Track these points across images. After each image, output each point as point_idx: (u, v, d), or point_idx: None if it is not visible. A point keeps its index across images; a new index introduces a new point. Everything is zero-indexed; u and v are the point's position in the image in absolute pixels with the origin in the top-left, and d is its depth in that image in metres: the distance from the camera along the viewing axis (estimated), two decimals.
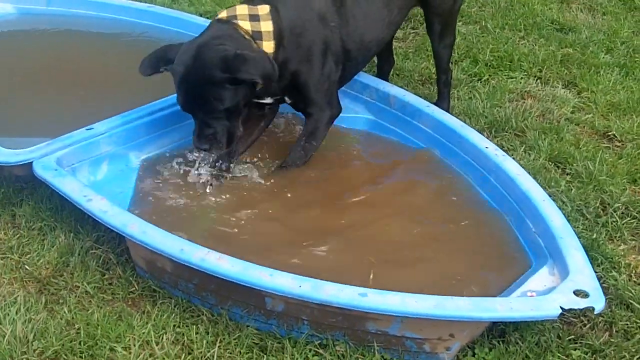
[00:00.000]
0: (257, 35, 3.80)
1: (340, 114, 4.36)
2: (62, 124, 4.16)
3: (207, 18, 5.93)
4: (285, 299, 3.13)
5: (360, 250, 3.66)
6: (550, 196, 3.83)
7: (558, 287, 3.20)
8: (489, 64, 5.63)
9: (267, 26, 3.83)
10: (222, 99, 3.69)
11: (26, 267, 3.63)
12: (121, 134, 4.14)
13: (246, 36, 3.79)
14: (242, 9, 3.86)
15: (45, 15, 5.75)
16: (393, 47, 5.22)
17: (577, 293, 3.12)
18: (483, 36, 6.04)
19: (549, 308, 3.05)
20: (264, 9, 3.86)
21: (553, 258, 3.44)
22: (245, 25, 3.80)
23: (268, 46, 3.82)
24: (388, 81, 4.98)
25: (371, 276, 3.44)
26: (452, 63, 5.52)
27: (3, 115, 4.54)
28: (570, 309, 3.07)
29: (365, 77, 4.73)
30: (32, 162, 3.78)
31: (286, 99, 4.16)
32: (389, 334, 3.14)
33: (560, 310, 3.03)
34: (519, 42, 6.00)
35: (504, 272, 3.52)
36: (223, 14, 3.89)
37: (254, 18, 3.83)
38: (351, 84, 4.66)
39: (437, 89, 4.95)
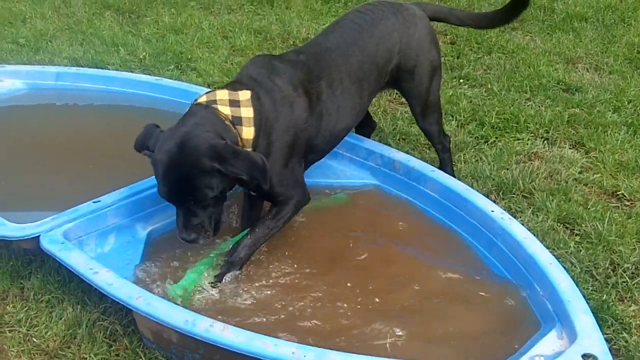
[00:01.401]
0: (237, 121, 3.75)
1: (347, 181, 4.48)
2: (70, 197, 4.18)
3: (215, 89, 5.97)
4: None
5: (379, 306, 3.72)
6: (558, 258, 3.83)
7: (566, 352, 3.18)
8: (495, 126, 5.64)
9: (247, 112, 3.78)
10: (212, 187, 3.59)
11: (34, 339, 3.63)
12: (128, 206, 4.16)
13: (226, 121, 3.73)
14: (223, 94, 3.82)
15: (54, 90, 5.81)
16: (371, 113, 5.25)
17: (585, 357, 3.11)
18: (489, 98, 6.06)
19: None
20: (244, 95, 3.82)
21: (561, 322, 3.43)
22: (225, 110, 3.75)
23: (248, 132, 3.76)
24: None
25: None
26: (458, 126, 5.57)
27: (11, 189, 4.58)
28: None
29: (370, 144, 4.76)
30: (39, 236, 3.80)
31: (250, 192, 4.14)
32: None
33: None
34: (525, 104, 6.01)
35: (511, 336, 3.50)
36: (203, 99, 3.84)
37: (234, 104, 3.78)
38: (356, 150, 4.73)
39: (438, 157, 4.93)
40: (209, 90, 3.91)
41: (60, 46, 6.99)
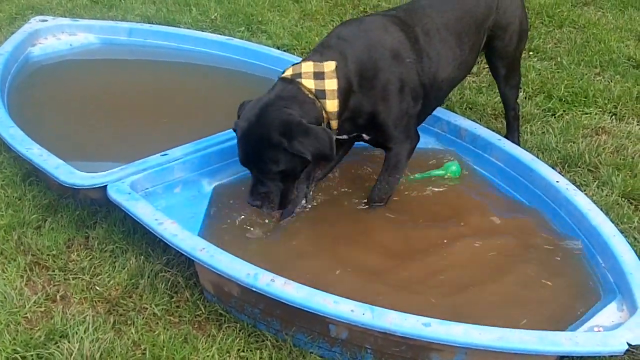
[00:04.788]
0: (321, 94, 3.77)
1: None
2: (138, 149, 4.23)
3: (284, 51, 6.02)
4: (349, 326, 3.15)
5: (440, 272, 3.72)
6: (622, 232, 3.79)
7: (625, 323, 3.18)
8: (563, 99, 5.59)
9: (331, 84, 3.79)
10: (277, 162, 3.69)
11: (97, 287, 3.70)
12: (195, 161, 4.21)
13: (310, 95, 3.77)
14: (308, 67, 3.83)
15: (126, 46, 5.87)
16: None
17: None
18: (558, 72, 6.00)
19: (615, 344, 3.02)
20: (329, 66, 3.83)
21: (622, 294, 3.42)
22: (309, 84, 3.77)
23: (332, 105, 3.79)
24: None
25: None
26: (526, 98, 5.53)
27: (82, 140, 4.65)
28: (638, 346, 3.04)
29: (436, 110, 4.71)
30: (106, 186, 3.86)
31: (364, 136, 4.13)
32: None
33: (627, 347, 3.01)
34: (595, 79, 5.94)
35: (571, 306, 3.48)
36: (289, 72, 3.86)
37: (319, 76, 3.80)
38: None
39: (506, 123, 4.94)
40: (295, 63, 3.91)
41: (133, 3, 7.05)
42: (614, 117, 5.41)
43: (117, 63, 5.74)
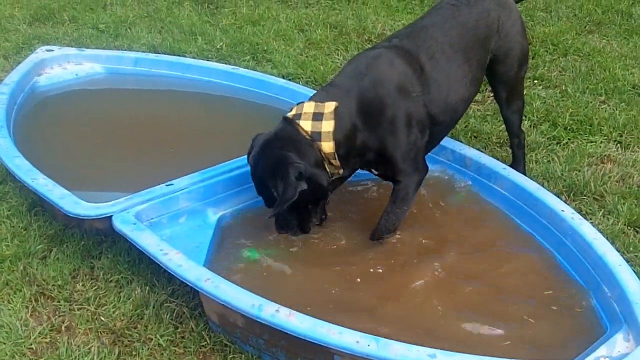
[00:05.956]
0: (317, 136, 3.85)
1: None
2: (143, 179, 4.25)
3: (289, 80, 6.04)
4: (353, 357, 3.13)
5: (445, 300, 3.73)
6: (628, 261, 3.78)
7: (632, 353, 3.18)
8: (568, 127, 5.58)
9: (327, 126, 3.85)
10: (274, 200, 3.82)
11: (102, 318, 3.70)
12: (200, 191, 4.21)
13: (307, 137, 3.86)
14: (309, 107, 3.91)
15: (132, 75, 5.88)
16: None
17: None
18: (563, 100, 6.00)
19: None
20: (329, 107, 3.89)
21: (628, 324, 3.39)
22: (307, 125, 3.85)
23: (327, 146, 3.86)
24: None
25: None
26: (531, 126, 5.53)
27: (87, 170, 4.67)
28: None
29: None
30: (111, 216, 3.87)
31: (373, 170, 4.18)
32: None
33: None
34: (600, 107, 5.93)
35: (577, 336, 3.47)
36: (292, 112, 3.96)
37: (317, 117, 3.87)
38: None
39: (512, 152, 4.93)
40: (300, 102, 3.99)
41: (139, 33, 7.07)
42: (619, 145, 5.40)
43: (123, 93, 5.76)
